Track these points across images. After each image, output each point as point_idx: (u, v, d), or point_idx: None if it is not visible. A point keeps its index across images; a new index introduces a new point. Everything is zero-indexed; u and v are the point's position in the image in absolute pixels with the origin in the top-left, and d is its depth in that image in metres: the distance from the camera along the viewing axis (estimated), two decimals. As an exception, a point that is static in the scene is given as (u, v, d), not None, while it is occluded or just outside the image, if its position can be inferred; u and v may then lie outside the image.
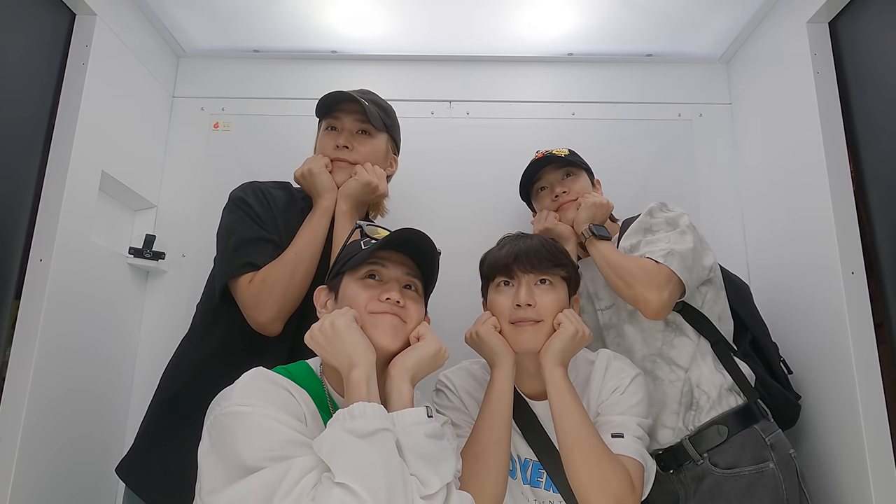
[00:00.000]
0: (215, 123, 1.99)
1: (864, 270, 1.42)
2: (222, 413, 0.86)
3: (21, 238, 1.40)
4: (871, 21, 1.44)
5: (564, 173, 1.58)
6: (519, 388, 1.25)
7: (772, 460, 1.27)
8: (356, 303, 1.00)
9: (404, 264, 1.06)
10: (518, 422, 1.22)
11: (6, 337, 1.36)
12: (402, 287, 1.05)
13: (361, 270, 1.04)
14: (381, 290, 1.01)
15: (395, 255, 1.06)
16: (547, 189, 1.60)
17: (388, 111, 1.50)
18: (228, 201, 1.38)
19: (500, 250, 1.25)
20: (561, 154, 1.57)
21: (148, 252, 1.79)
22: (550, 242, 1.26)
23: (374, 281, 1.04)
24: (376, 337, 0.97)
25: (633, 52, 2.02)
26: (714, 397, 1.34)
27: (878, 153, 1.42)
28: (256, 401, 0.86)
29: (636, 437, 1.13)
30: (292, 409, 0.90)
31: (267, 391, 0.90)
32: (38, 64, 1.47)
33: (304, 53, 2.03)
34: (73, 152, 1.48)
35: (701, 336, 1.39)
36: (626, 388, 1.19)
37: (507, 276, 1.21)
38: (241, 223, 1.32)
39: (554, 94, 2.02)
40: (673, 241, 1.34)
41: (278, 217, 1.35)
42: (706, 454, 1.31)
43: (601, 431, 1.12)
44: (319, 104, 1.45)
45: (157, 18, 1.86)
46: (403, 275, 1.06)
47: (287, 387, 0.93)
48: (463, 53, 2.02)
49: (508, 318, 1.19)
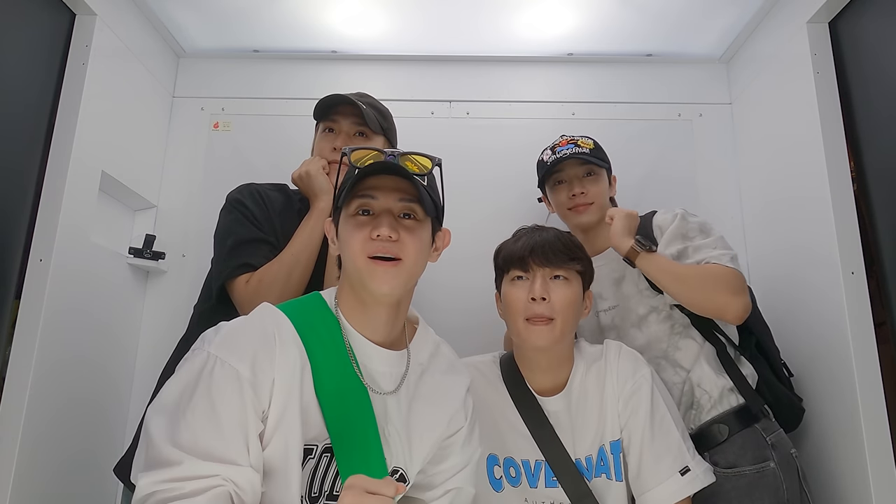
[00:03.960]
0: (215, 123, 1.99)
1: (864, 270, 1.42)
2: (198, 352, 0.87)
3: (21, 238, 1.40)
4: (871, 21, 1.44)
5: (586, 171, 1.53)
6: (530, 384, 1.24)
7: (773, 460, 1.27)
8: (353, 248, 0.93)
9: (398, 189, 0.95)
10: (527, 421, 1.21)
11: (6, 337, 1.36)
12: (397, 216, 0.95)
13: (352, 206, 0.96)
14: (372, 227, 0.93)
15: (386, 180, 0.95)
16: (565, 184, 1.55)
17: (384, 114, 1.51)
18: (226, 203, 1.39)
19: (515, 242, 1.25)
20: (586, 148, 1.53)
21: (148, 252, 1.79)
22: (566, 235, 1.26)
23: (366, 217, 0.95)
24: (373, 287, 0.92)
25: (633, 52, 2.02)
26: (715, 397, 1.34)
27: (878, 153, 1.42)
28: (229, 364, 0.84)
29: (697, 461, 1.20)
30: (260, 380, 0.85)
31: (245, 352, 0.86)
32: (38, 64, 1.47)
33: (304, 53, 2.03)
34: (73, 152, 1.48)
35: (706, 340, 1.39)
36: (651, 413, 1.20)
37: (523, 268, 1.21)
38: (238, 224, 1.32)
39: (554, 94, 2.02)
40: (722, 245, 1.35)
41: (275, 219, 1.36)
42: (707, 453, 1.30)
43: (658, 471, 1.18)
44: (317, 107, 1.46)
45: (157, 18, 1.86)
46: (397, 202, 0.95)
47: (278, 345, 0.89)
48: (463, 53, 2.02)
49: (523, 312, 1.19)
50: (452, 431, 1.06)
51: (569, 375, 1.24)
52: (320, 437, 0.91)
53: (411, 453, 1.00)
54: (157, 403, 0.85)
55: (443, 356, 1.09)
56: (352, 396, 0.94)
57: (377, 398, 0.96)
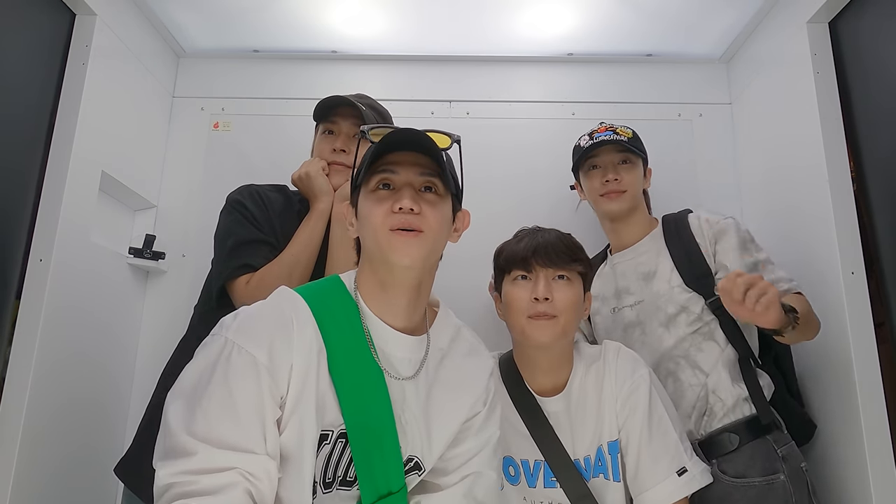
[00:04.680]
0: (215, 123, 1.99)
1: (864, 270, 1.42)
2: (216, 337, 0.87)
3: (21, 238, 1.40)
4: (871, 21, 1.44)
5: (622, 159, 1.51)
6: (529, 384, 1.25)
7: (783, 472, 1.26)
8: (373, 223, 0.93)
9: (418, 164, 0.95)
10: (526, 421, 1.22)
11: (6, 336, 1.36)
12: (418, 190, 0.95)
13: (372, 181, 0.96)
14: (394, 200, 0.92)
15: (406, 155, 0.95)
16: (599, 170, 1.52)
17: (384, 115, 1.52)
18: (226, 204, 1.39)
19: (518, 243, 1.25)
20: (624, 136, 1.51)
21: (148, 252, 1.79)
22: (567, 236, 1.26)
23: (387, 191, 0.95)
24: (394, 259, 0.91)
25: (633, 52, 2.02)
26: (729, 405, 1.33)
27: (878, 153, 1.42)
28: (246, 350, 0.85)
29: (695, 461, 1.20)
30: (278, 366, 0.86)
31: (262, 338, 0.86)
32: (38, 64, 1.47)
33: (304, 53, 2.03)
34: (73, 152, 1.48)
35: (729, 344, 1.38)
36: (649, 414, 1.19)
37: (525, 269, 1.21)
38: (239, 225, 1.33)
39: (554, 94, 2.02)
40: (780, 266, 1.42)
41: (275, 220, 1.36)
42: (714, 461, 1.30)
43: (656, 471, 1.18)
44: (317, 108, 1.47)
45: (157, 18, 1.86)
46: (417, 175, 0.95)
47: (296, 329, 0.89)
48: (463, 53, 2.02)
49: (526, 311, 1.19)
50: (472, 415, 1.04)
51: (568, 377, 1.24)
52: (336, 422, 0.91)
53: (430, 440, 0.98)
54: (176, 389, 0.85)
55: (464, 340, 1.08)
56: (368, 382, 0.93)
57: (395, 384, 0.95)
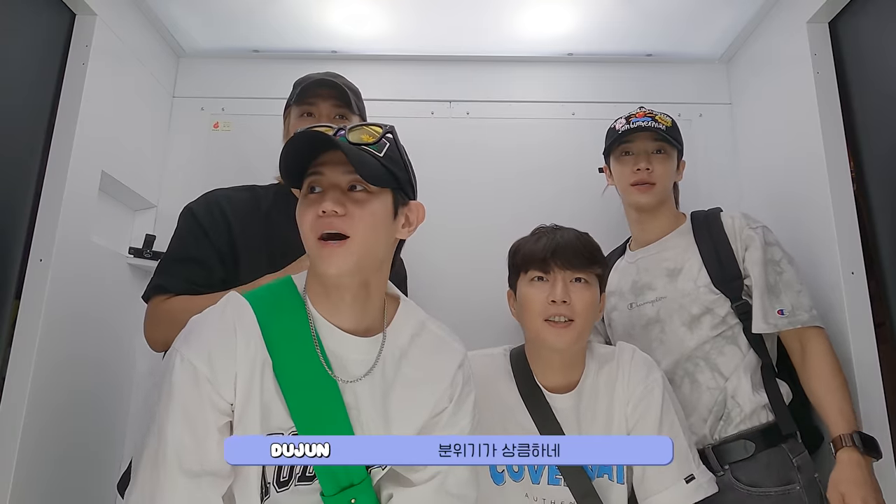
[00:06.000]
0: (215, 123, 1.99)
1: (864, 270, 1.42)
2: (171, 349, 0.90)
3: (21, 238, 1.40)
4: (871, 21, 1.44)
5: (657, 148, 1.46)
6: (540, 380, 1.24)
7: (798, 482, 1.25)
8: (304, 230, 0.90)
9: (344, 162, 0.89)
10: (534, 417, 1.21)
11: (6, 337, 1.36)
12: (345, 190, 0.90)
13: (304, 185, 0.93)
14: (319, 205, 0.88)
15: (333, 155, 0.90)
16: (632, 157, 1.46)
17: (357, 94, 1.47)
18: (180, 213, 1.34)
19: (536, 242, 1.23)
20: (663, 124, 1.46)
21: (148, 252, 1.79)
22: (585, 236, 1.24)
23: (315, 195, 0.91)
24: (322, 269, 0.89)
25: (633, 52, 2.02)
26: (747, 412, 1.31)
27: (878, 153, 1.42)
28: (189, 360, 0.86)
29: (702, 470, 1.19)
30: (220, 375, 0.87)
31: (203, 347, 0.88)
32: (38, 64, 1.47)
33: (304, 53, 2.03)
34: (73, 152, 1.48)
35: (751, 350, 1.36)
36: (661, 418, 1.19)
37: (543, 270, 1.20)
38: (177, 238, 1.30)
39: (554, 94, 2.02)
40: (804, 288, 1.37)
41: (235, 225, 1.29)
42: (728, 466, 1.29)
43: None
44: (297, 90, 1.40)
45: (157, 18, 1.86)
46: (342, 174, 0.90)
47: (239, 338, 0.89)
48: (463, 53, 2.02)
49: (542, 314, 1.18)
50: (437, 412, 1.01)
51: (580, 376, 1.24)
52: (285, 424, 0.90)
53: None
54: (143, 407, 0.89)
55: (428, 335, 1.04)
56: (317, 386, 0.92)
57: (347, 386, 0.94)
